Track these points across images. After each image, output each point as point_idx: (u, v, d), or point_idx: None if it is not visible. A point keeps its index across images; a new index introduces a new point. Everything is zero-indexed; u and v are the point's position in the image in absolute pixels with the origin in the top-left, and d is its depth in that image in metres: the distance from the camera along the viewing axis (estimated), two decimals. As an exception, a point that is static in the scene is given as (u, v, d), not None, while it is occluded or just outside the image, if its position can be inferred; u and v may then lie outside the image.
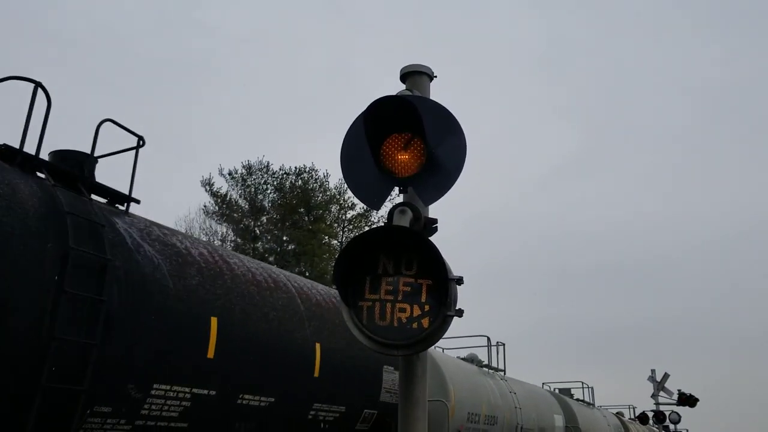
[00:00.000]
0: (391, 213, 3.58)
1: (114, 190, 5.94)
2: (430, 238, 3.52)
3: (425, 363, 3.58)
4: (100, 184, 5.86)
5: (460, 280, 3.47)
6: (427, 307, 3.38)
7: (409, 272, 3.44)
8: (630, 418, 28.30)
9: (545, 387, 23.64)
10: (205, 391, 5.32)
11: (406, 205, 3.59)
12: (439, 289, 3.39)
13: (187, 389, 5.10)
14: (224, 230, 34.33)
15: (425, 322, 3.37)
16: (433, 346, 15.24)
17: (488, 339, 19.07)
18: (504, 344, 19.90)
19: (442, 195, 3.52)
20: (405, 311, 3.39)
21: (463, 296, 3.50)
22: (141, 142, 6.98)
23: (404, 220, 3.51)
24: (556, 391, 24.50)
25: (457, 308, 3.44)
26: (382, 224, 4.10)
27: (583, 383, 28.81)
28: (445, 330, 3.44)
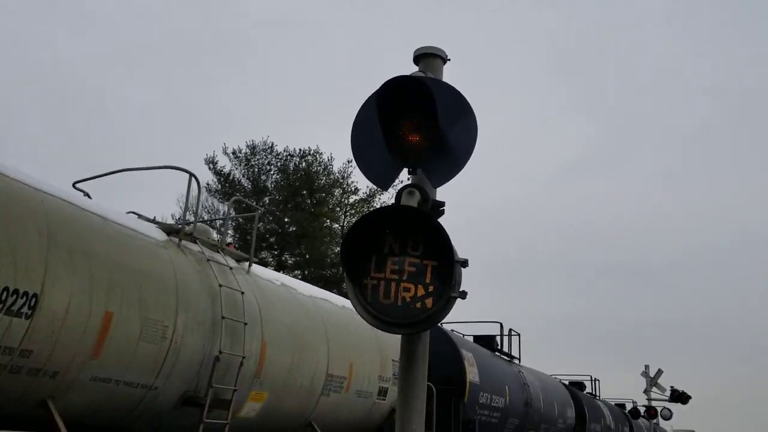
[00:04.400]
0: (399, 194, 3.61)
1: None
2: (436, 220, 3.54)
3: (426, 343, 3.61)
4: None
5: (465, 263, 3.50)
6: (431, 288, 3.42)
7: (415, 253, 3.47)
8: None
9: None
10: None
11: (414, 186, 3.61)
12: (444, 271, 3.42)
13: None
14: (226, 209, 34.38)
15: (429, 302, 3.41)
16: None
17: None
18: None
19: (451, 178, 3.55)
20: (409, 291, 3.42)
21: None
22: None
23: (412, 202, 3.54)
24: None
25: (461, 290, 3.48)
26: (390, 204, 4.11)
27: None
28: (448, 311, 3.48)
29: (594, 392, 29.71)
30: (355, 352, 9.17)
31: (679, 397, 22.98)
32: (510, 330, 19.17)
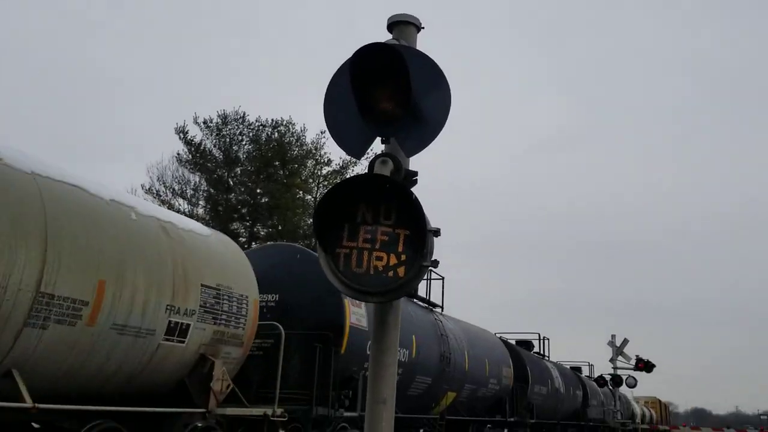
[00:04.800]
0: (372, 163, 3.59)
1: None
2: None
3: (398, 311, 3.64)
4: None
5: (437, 232, 3.52)
6: (403, 257, 3.43)
7: (387, 222, 3.47)
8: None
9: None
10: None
11: (387, 155, 3.60)
12: (416, 240, 3.43)
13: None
14: (197, 180, 33.94)
15: (401, 271, 3.42)
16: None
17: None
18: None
19: (424, 147, 3.54)
20: (381, 260, 3.43)
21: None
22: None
23: (385, 171, 3.53)
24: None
25: (432, 259, 3.50)
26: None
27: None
28: (420, 280, 3.51)
29: (542, 352, 27.25)
30: (115, 265, 6.24)
31: (644, 365, 23.65)
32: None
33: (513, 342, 23.31)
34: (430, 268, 3.46)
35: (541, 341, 26.92)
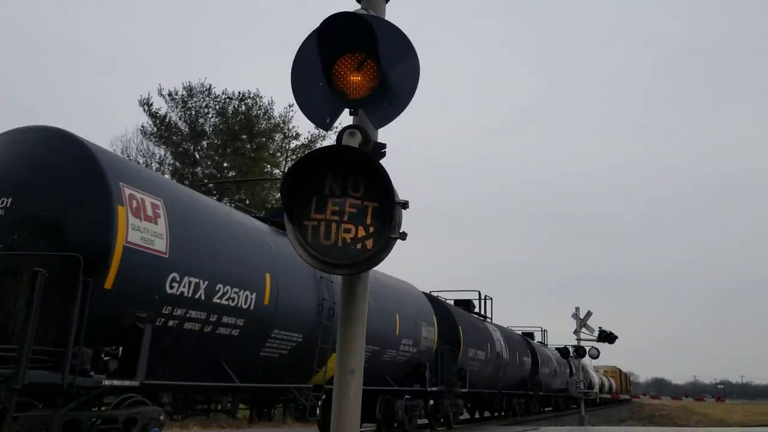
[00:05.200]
0: (340, 135, 3.56)
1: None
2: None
3: (366, 283, 3.65)
4: None
5: (405, 204, 3.52)
6: (371, 229, 3.43)
7: (355, 194, 3.46)
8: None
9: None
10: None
11: (355, 127, 3.57)
12: (384, 212, 3.43)
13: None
14: (162, 153, 33.35)
15: (369, 243, 3.42)
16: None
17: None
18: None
19: (393, 119, 3.52)
20: (350, 232, 3.42)
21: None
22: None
23: (353, 142, 3.50)
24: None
25: (401, 231, 3.50)
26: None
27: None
28: (388, 252, 3.51)
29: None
30: None
31: (607, 337, 24.26)
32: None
33: (451, 302, 20.24)
34: (398, 239, 3.46)
35: (482, 301, 23.66)
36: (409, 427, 14.07)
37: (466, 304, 21.53)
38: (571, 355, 25.22)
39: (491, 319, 23.85)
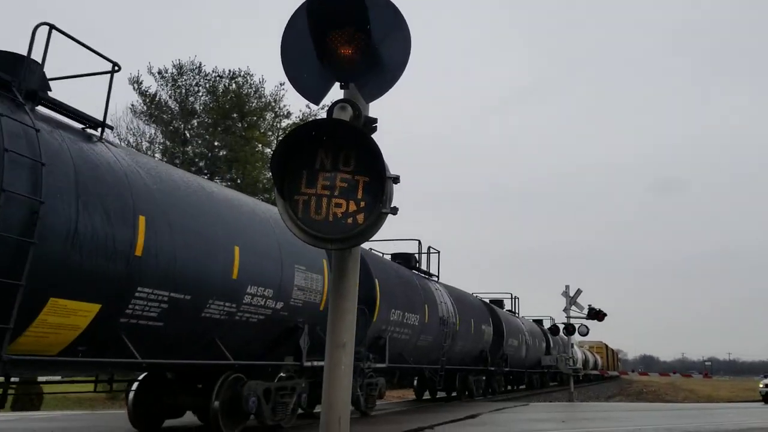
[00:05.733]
0: (331, 109, 3.54)
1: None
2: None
3: (357, 258, 3.65)
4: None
5: (396, 179, 3.51)
6: (362, 204, 3.42)
7: (346, 168, 3.45)
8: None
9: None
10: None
11: (346, 101, 3.55)
12: (375, 187, 3.42)
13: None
14: (153, 132, 33.08)
15: (360, 218, 3.42)
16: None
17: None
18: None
19: (384, 92, 3.50)
20: (341, 206, 3.42)
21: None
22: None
23: (344, 116, 3.48)
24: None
25: (392, 206, 3.50)
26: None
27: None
28: (379, 227, 3.51)
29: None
30: None
31: (596, 314, 24.47)
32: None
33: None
34: (389, 213, 3.46)
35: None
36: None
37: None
38: (561, 332, 25.44)
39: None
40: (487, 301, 26.16)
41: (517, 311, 31.62)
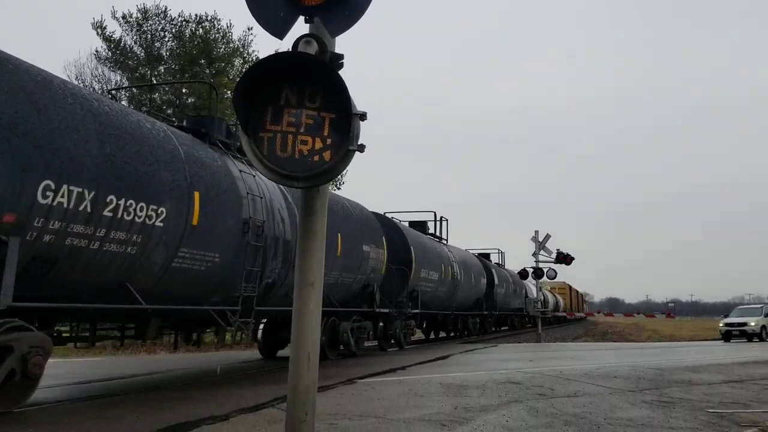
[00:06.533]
0: (295, 44, 3.46)
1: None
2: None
3: (325, 197, 3.64)
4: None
5: (363, 116, 3.48)
6: (329, 141, 3.40)
7: (312, 105, 3.40)
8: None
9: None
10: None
11: (312, 36, 3.47)
12: (342, 124, 3.39)
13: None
14: (119, 78, 32.11)
15: (327, 155, 3.40)
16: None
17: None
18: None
19: (351, 26, 3.42)
20: (307, 144, 3.39)
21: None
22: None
23: (310, 51, 3.41)
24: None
25: (359, 143, 3.48)
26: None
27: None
28: (346, 164, 3.49)
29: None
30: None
31: (564, 258, 25.02)
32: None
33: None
34: (357, 151, 3.44)
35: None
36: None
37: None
38: (530, 276, 25.98)
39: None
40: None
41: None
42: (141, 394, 8.24)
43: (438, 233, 22.93)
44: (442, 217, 23.97)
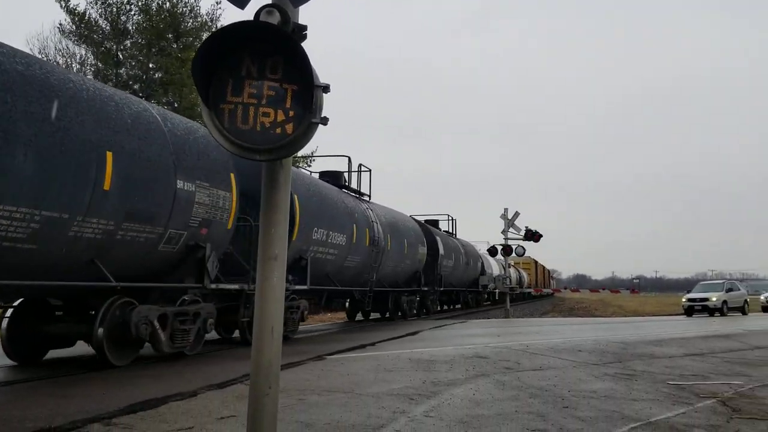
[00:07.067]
0: (257, 14, 3.39)
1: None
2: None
3: (289, 169, 3.60)
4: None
5: (326, 88, 3.43)
6: (291, 113, 3.35)
7: (274, 76, 3.34)
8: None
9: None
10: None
11: (274, 5, 3.40)
12: (304, 96, 3.34)
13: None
14: (83, 53, 31.30)
15: (289, 128, 3.35)
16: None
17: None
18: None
19: (312, -4, 3.36)
20: (269, 116, 3.33)
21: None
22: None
23: (272, 21, 3.35)
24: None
25: (322, 116, 3.44)
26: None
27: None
28: (309, 137, 3.45)
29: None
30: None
31: (532, 236, 25.34)
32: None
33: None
34: (320, 124, 3.40)
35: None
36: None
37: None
38: (499, 254, 26.26)
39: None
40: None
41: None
42: (103, 373, 8.15)
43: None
44: (361, 166, 19.06)
